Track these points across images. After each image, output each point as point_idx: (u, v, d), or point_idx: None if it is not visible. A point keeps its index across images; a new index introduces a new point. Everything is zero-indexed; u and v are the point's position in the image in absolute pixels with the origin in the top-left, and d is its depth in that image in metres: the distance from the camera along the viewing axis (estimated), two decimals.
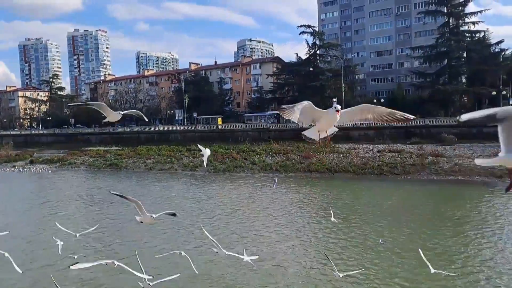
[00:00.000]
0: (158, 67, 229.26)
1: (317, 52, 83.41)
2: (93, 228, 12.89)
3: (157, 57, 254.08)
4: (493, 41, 74.74)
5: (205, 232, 10.23)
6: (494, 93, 64.33)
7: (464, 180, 34.85)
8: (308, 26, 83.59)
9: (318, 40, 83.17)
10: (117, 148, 64.67)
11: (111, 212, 27.41)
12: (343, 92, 70.12)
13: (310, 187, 35.25)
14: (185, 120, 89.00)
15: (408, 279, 14.96)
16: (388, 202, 28.25)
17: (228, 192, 34.50)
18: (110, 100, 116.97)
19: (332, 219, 14.98)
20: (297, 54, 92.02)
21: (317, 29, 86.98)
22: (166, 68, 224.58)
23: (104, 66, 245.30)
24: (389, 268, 15.94)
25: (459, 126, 49.55)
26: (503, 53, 74.89)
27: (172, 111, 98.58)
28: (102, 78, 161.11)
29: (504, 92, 65.84)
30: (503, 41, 72.31)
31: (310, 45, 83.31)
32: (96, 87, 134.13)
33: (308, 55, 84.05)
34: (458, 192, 31.76)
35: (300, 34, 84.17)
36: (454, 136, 47.14)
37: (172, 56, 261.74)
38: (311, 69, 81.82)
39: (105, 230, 22.03)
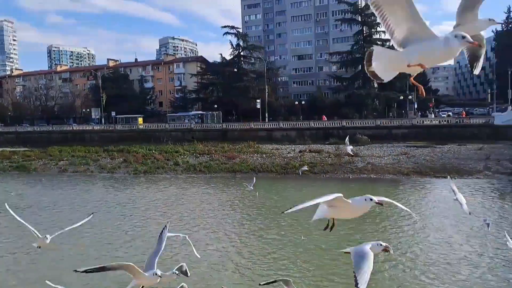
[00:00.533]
0: (72, 62, 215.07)
1: (241, 53, 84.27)
2: None
3: (72, 52, 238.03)
4: None
5: None
6: (401, 97, 70.11)
7: (376, 178, 37.43)
8: (232, 27, 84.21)
9: (242, 42, 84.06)
10: (26, 149, 59.46)
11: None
12: (267, 94, 71.71)
13: (237, 188, 35.45)
14: (103, 119, 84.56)
15: (323, 276, 15.65)
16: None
17: (152, 194, 33.36)
18: (18, 97, 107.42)
19: None
20: (221, 54, 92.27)
21: (241, 30, 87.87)
22: (81, 64, 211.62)
23: (11, 60, 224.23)
24: (310, 266, 16.55)
25: (372, 127, 53.30)
26: None
27: (88, 110, 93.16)
28: (8, 73, 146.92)
29: (410, 97, 72.08)
30: None
31: (234, 46, 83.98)
32: (1, 83, 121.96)
33: (232, 56, 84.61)
34: (372, 189, 34.00)
35: (224, 34, 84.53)
36: (367, 137, 50.47)
37: (88, 52, 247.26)
38: (235, 70, 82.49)
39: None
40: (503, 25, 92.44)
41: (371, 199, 4.68)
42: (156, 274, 5.79)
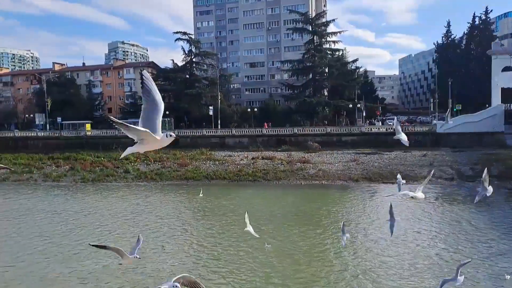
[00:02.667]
0: (14, 65, 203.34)
1: (194, 59, 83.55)
2: None
3: (13, 54, 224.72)
4: (349, 59, 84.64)
5: None
6: (351, 105, 72.48)
7: (328, 184, 38.30)
8: (184, 33, 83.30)
9: (194, 48, 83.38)
10: None
11: None
12: (219, 101, 71.54)
13: (197, 196, 35.14)
14: (47, 125, 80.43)
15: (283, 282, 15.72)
16: (270, 208, 29.31)
17: (113, 203, 32.14)
18: None
19: None
20: (173, 60, 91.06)
21: (193, 37, 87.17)
22: (24, 67, 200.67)
23: None
24: (272, 271, 16.54)
25: (322, 135, 54.57)
26: (358, 70, 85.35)
27: (32, 115, 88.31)
28: None
29: (358, 105, 74.70)
30: (358, 60, 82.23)
31: (187, 52, 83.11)
32: None
33: (184, 62, 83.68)
34: (324, 194, 34.71)
35: (176, 40, 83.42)
36: (318, 144, 51.60)
37: (31, 54, 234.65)
38: (187, 76, 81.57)
39: None
40: (443, 38, 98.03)
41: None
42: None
